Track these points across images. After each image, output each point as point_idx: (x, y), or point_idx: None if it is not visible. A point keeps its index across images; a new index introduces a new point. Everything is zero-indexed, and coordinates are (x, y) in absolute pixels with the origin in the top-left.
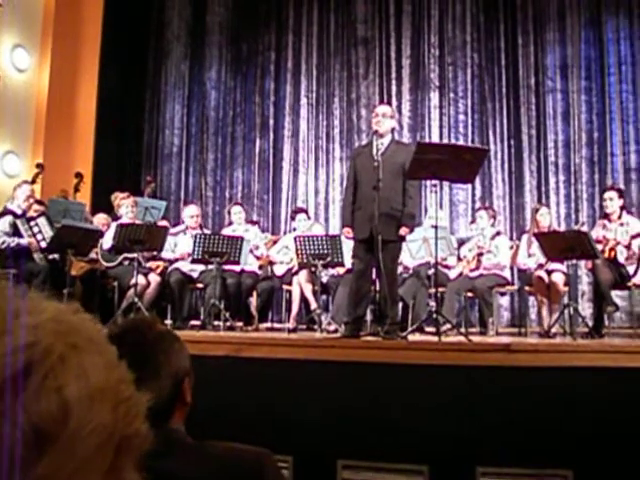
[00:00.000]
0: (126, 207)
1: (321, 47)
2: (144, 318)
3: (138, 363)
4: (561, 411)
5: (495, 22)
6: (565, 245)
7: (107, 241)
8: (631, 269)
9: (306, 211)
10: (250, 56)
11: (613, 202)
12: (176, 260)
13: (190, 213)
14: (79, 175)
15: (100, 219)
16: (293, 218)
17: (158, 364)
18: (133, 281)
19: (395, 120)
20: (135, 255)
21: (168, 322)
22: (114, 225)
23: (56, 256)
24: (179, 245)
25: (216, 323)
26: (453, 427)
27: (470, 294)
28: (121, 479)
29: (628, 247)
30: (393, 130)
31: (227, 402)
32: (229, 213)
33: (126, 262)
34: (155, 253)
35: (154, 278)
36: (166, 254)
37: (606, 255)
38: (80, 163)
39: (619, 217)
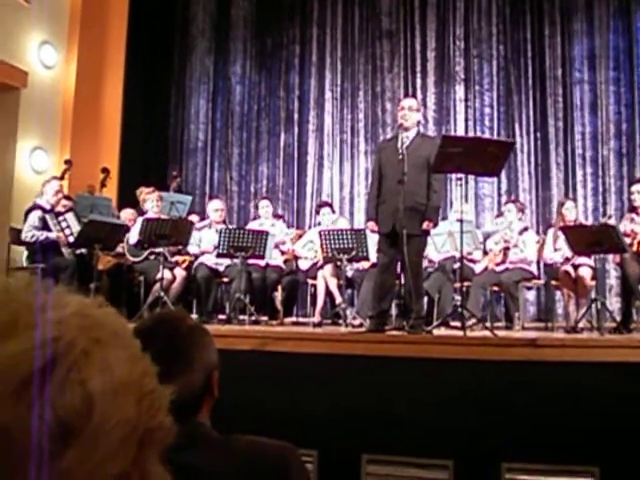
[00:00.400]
0: (151, 202)
1: (345, 40)
2: (175, 312)
3: (171, 356)
4: (588, 407)
5: (521, 13)
6: (592, 239)
7: (133, 236)
8: None
9: (331, 205)
10: (274, 50)
11: None
12: (202, 254)
13: (214, 207)
14: (105, 170)
15: (127, 214)
16: (317, 212)
17: (191, 357)
18: (159, 275)
19: (420, 113)
20: (161, 250)
21: (194, 316)
22: (140, 220)
23: (83, 251)
24: (204, 240)
25: (241, 317)
26: (478, 421)
27: (496, 288)
28: (145, 471)
29: None
30: (419, 123)
31: (253, 396)
32: (256, 207)
33: (152, 257)
34: (181, 247)
35: (180, 272)
36: (191, 248)
37: (634, 249)
38: (106, 158)
39: None
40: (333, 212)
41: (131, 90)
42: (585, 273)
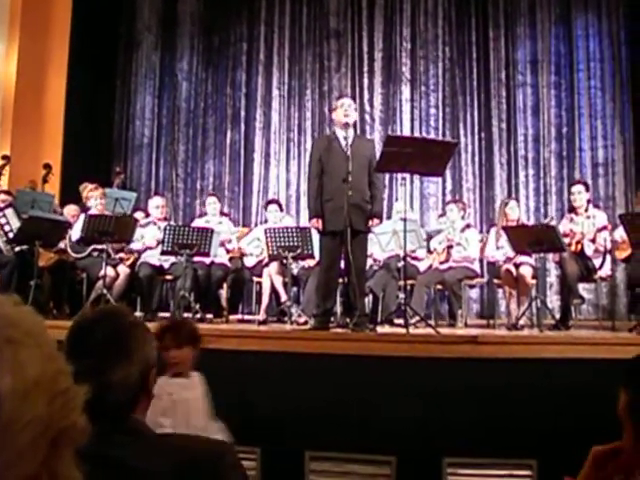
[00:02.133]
0: (95, 199)
1: (293, 39)
2: (118, 307)
3: (111, 347)
4: (527, 402)
5: (467, 16)
6: (532, 238)
7: (76, 232)
8: (597, 262)
9: (279, 202)
10: (222, 47)
11: (581, 196)
12: (144, 250)
13: (155, 204)
14: (48, 166)
15: (70, 210)
16: (266, 208)
17: (131, 349)
18: (102, 273)
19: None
20: (104, 247)
21: (138, 314)
22: (82, 216)
23: (24, 247)
24: (146, 236)
25: (186, 315)
26: (421, 418)
27: (439, 287)
28: (56, 471)
29: (593, 240)
30: (355, 123)
31: None
32: (203, 204)
33: (95, 253)
34: (124, 245)
35: (123, 270)
36: (135, 245)
37: (573, 248)
38: (49, 154)
39: (586, 210)
40: (281, 210)
41: (75, 85)
42: (526, 272)
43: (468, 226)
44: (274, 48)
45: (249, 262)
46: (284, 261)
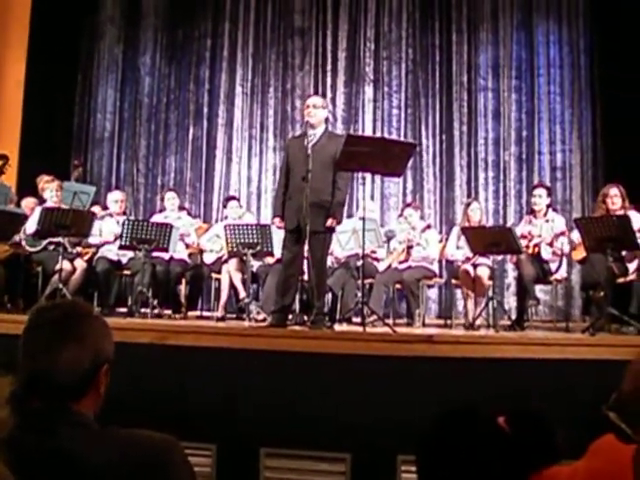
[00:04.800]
0: (50, 191)
1: (257, 36)
2: (78, 300)
3: (63, 325)
4: (482, 400)
5: (430, 19)
6: (490, 240)
7: (31, 225)
8: (554, 265)
9: (238, 199)
10: (185, 42)
11: (542, 199)
12: (102, 245)
13: (114, 198)
14: (4, 157)
15: (28, 203)
16: (225, 206)
17: (83, 334)
18: (58, 266)
19: (327, 111)
20: (60, 240)
21: (95, 309)
22: (38, 209)
23: None
24: (104, 230)
25: (144, 311)
26: (376, 416)
27: (398, 286)
28: None
29: (551, 244)
30: (326, 121)
31: (151, 390)
32: (162, 199)
33: (51, 247)
34: (82, 238)
35: (80, 264)
36: (93, 239)
37: (530, 251)
38: (6, 145)
39: (545, 214)
40: (240, 207)
41: (34, 75)
42: (483, 273)
43: (428, 227)
44: (238, 45)
45: (208, 258)
46: (243, 258)
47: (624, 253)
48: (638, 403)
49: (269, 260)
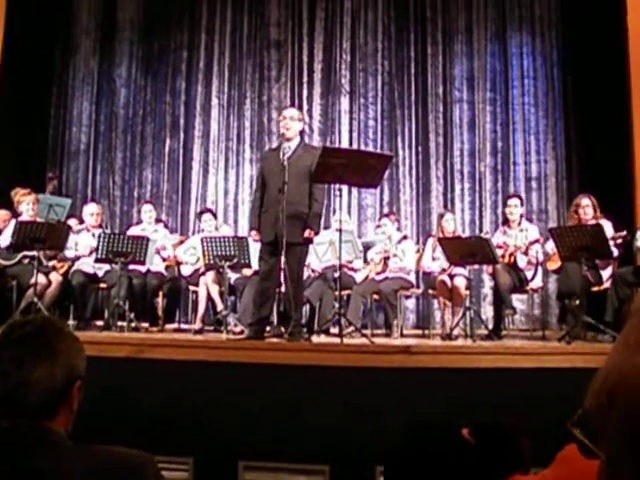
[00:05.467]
0: (27, 204)
1: (234, 48)
2: (52, 317)
3: (35, 342)
4: (460, 410)
5: (406, 31)
6: (467, 250)
7: (5, 238)
8: (530, 274)
9: (212, 211)
10: (161, 54)
11: (516, 209)
12: (77, 258)
13: (90, 211)
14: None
15: (1, 215)
16: (199, 219)
17: (56, 350)
18: (33, 280)
19: (302, 123)
20: (35, 253)
21: (71, 322)
22: (13, 222)
23: None
24: (80, 243)
25: (120, 324)
26: (354, 427)
27: (376, 297)
28: None
29: (526, 253)
30: (301, 133)
31: (128, 404)
32: (139, 212)
33: (26, 260)
34: (57, 252)
35: (56, 277)
36: (69, 253)
37: (506, 260)
38: None
39: (519, 224)
40: (215, 218)
41: (8, 87)
42: (460, 283)
43: (405, 237)
44: (214, 57)
45: (185, 271)
46: (221, 270)
47: (598, 262)
48: (600, 420)
49: (246, 272)
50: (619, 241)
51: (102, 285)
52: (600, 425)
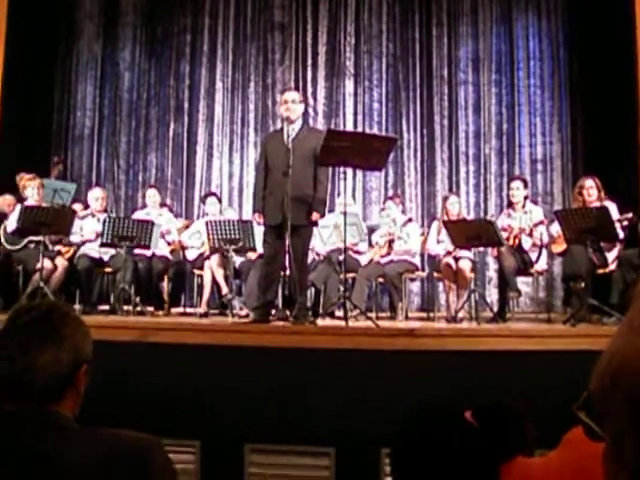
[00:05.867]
0: (32, 189)
1: (237, 31)
2: (58, 301)
3: (42, 326)
4: (464, 394)
5: (410, 13)
6: (472, 233)
7: (11, 223)
8: (534, 256)
9: (217, 195)
10: (165, 38)
11: (519, 191)
12: (83, 243)
13: (95, 196)
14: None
15: (6, 200)
16: (204, 202)
17: (62, 334)
18: (39, 265)
19: (303, 105)
20: (41, 238)
21: (77, 307)
22: (19, 207)
23: None
24: (85, 228)
25: (126, 308)
26: (360, 409)
27: (381, 280)
28: None
29: (530, 234)
30: (304, 115)
31: (135, 388)
32: (143, 196)
33: (32, 245)
34: (62, 237)
35: (61, 262)
36: (74, 238)
37: (510, 242)
38: None
39: (523, 206)
40: (220, 202)
41: (12, 72)
42: (465, 265)
43: (409, 220)
44: (218, 40)
45: (190, 255)
46: (225, 254)
47: (603, 244)
48: (604, 402)
49: (251, 256)
50: (625, 223)
51: (107, 269)
52: (604, 407)
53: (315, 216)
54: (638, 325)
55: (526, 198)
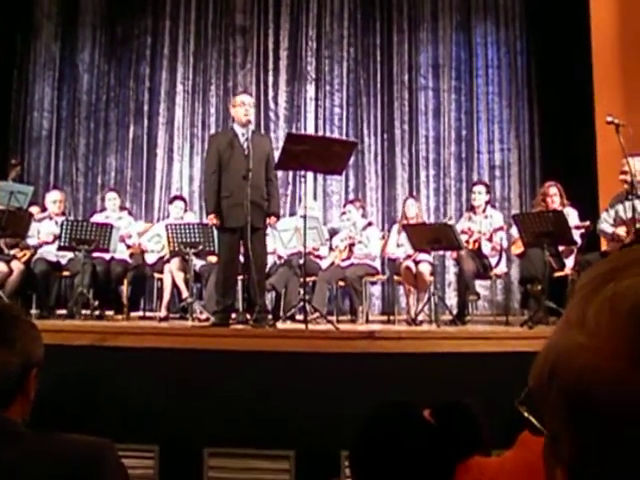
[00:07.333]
0: None
1: (199, 34)
2: (9, 303)
3: None
4: (424, 395)
5: (372, 19)
6: (431, 236)
7: None
8: (494, 260)
9: (184, 199)
10: (125, 39)
11: (481, 196)
12: (40, 246)
13: (53, 199)
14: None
15: None
16: (171, 203)
17: (12, 337)
18: None
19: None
20: None
21: (34, 311)
22: None
23: None
24: (42, 231)
25: (84, 312)
26: (319, 412)
27: (341, 283)
28: None
29: (490, 239)
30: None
31: (94, 393)
32: (103, 199)
33: None
34: (19, 240)
35: (17, 266)
36: (31, 241)
37: (470, 246)
38: None
39: (484, 210)
40: (186, 206)
41: None
42: (424, 269)
43: (370, 224)
44: (179, 43)
45: (150, 258)
46: (186, 257)
47: (561, 248)
48: (542, 397)
49: (212, 259)
50: (582, 231)
51: (65, 273)
52: (543, 402)
53: (272, 220)
54: (575, 320)
55: (487, 203)
